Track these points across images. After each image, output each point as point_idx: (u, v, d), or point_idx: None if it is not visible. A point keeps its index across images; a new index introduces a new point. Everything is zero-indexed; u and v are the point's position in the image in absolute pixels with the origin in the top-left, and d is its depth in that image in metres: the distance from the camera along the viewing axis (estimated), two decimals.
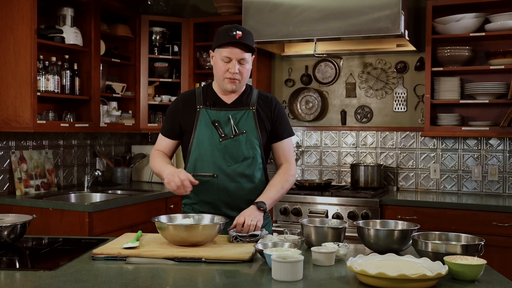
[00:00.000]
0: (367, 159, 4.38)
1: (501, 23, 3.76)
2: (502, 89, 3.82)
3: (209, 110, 2.37)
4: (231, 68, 2.29)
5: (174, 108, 2.45)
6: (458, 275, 1.67)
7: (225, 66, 2.30)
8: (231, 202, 2.34)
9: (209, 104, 2.38)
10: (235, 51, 2.28)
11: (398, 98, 4.30)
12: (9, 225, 2.09)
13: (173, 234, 1.98)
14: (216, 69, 2.34)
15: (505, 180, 4.01)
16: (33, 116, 3.48)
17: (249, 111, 2.38)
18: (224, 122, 2.35)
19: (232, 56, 2.28)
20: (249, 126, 2.36)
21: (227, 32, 2.29)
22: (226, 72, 2.30)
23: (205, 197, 2.35)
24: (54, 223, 3.38)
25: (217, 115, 2.36)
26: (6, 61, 3.52)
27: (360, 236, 2.09)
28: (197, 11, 4.82)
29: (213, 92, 2.42)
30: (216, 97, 2.40)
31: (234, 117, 2.36)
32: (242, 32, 2.29)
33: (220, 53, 2.30)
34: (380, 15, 3.44)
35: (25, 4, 3.45)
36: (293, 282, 1.64)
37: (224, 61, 2.30)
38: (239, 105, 2.39)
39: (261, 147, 2.37)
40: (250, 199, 2.33)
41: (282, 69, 4.65)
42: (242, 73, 2.32)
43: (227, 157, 2.32)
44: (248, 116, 2.37)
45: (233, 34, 2.27)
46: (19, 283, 1.68)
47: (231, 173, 2.32)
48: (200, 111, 2.37)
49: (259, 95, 2.44)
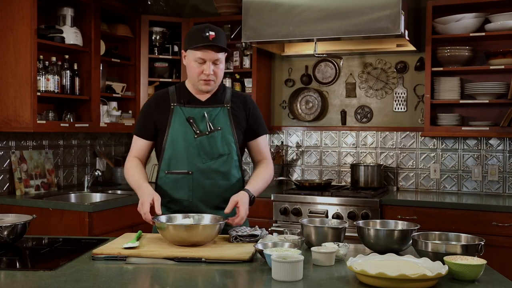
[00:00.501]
0: (367, 159, 4.38)
1: (501, 23, 3.76)
2: (502, 89, 3.82)
3: (183, 108, 2.35)
4: (206, 70, 2.27)
5: (147, 108, 2.42)
6: (458, 275, 1.67)
7: (199, 67, 2.28)
8: (206, 200, 2.32)
9: (183, 101, 2.36)
10: (209, 53, 2.26)
11: (398, 98, 4.30)
12: (9, 225, 2.09)
13: (173, 234, 1.98)
14: (190, 70, 2.32)
15: (505, 180, 4.01)
16: (33, 116, 3.48)
17: (224, 108, 2.38)
18: (199, 119, 2.34)
19: (207, 57, 2.26)
20: (224, 123, 2.35)
21: (199, 33, 2.26)
22: (200, 74, 2.29)
23: (181, 195, 2.33)
24: (54, 223, 3.38)
25: (191, 112, 2.34)
26: (6, 61, 3.52)
27: (360, 236, 2.08)
28: (197, 11, 4.82)
29: (187, 91, 2.40)
30: (190, 95, 2.39)
31: (209, 114, 2.35)
32: (215, 32, 2.26)
33: (194, 55, 2.28)
34: (380, 15, 3.44)
35: (25, 4, 3.45)
36: (293, 282, 1.64)
37: (198, 62, 2.28)
38: (213, 103, 2.38)
39: (236, 144, 2.36)
40: (226, 196, 2.31)
41: (282, 69, 4.65)
42: (216, 74, 2.31)
43: (202, 153, 2.31)
44: (223, 113, 2.37)
45: (206, 35, 2.24)
46: (19, 283, 1.68)
47: (206, 170, 2.31)
48: (175, 109, 2.35)
49: (233, 94, 2.44)
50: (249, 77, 4.45)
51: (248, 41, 3.80)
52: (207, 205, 2.33)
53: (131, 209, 3.64)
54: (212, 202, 2.33)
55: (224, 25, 4.56)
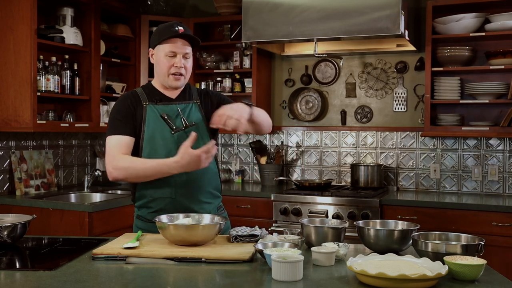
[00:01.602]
0: (367, 159, 4.38)
1: (501, 23, 3.76)
2: (502, 89, 3.82)
3: (156, 106, 2.34)
4: (177, 63, 2.28)
5: (123, 107, 2.31)
6: (458, 275, 1.67)
7: (169, 61, 2.29)
8: (189, 195, 2.31)
9: (155, 100, 2.35)
10: (179, 45, 2.28)
11: (398, 98, 4.30)
12: (9, 225, 2.09)
13: (174, 234, 1.98)
14: (160, 66, 2.32)
15: (505, 180, 4.01)
16: (33, 116, 3.48)
17: (195, 104, 2.40)
18: (173, 115, 2.34)
19: (177, 50, 2.28)
20: (197, 118, 2.37)
21: (168, 28, 2.29)
22: (171, 68, 2.30)
23: (163, 193, 2.30)
24: (54, 223, 3.38)
25: (165, 109, 2.34)
26: (6, 61, 3.52)
27: (360, 236, 2.08)
28: (197, 11, 4.82)
29: (155, 90, 2.39)
30: (160, 94, 2.38)
31: (183, 110, 2.36)
32: (183, 28, 2.30)
33: (163, 49, 2.29)
34: (380, 15, 3.44)
35: (25, 4, 3.46)
36: (293, 282, 1.64)
37: (168, 56, 2.29)
38: (184, 99, 2.40)
39: (211, 138, 2.37)
40: (207, 190, 2.35)
41: (282, 69, 4.64)
42: (186, 68, 2.33)
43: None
44: (194, 109, 2.39)
45: (176, 29, 2.27)
46: (19, 283, 1.68)
47: None
48: (147, 107, 2.33)
49: (198, 90, 2.47)
50: (249, 77, 4.45)
51: (248, 41, 3.80)
52: (190, 200, 2.32)
53: (131, 209, 3.62)
54: (195, 197, 2.33)
55: (224, 25, 4.56)
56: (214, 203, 2.42)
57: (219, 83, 4.54)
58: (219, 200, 2.48)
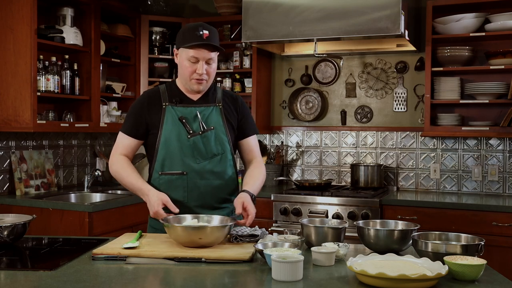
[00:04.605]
0: (367, 159, 4.38)
1: (501, 23, 3.76)
2: (502, 89, 3.82)
3: (175, 107, 2.32)
4: (199, 69, 2.26)
5: (139, 107, 2.36)
6: (458, 275, 1.67)
7: (192, 66, 2.27)
8: (201, 200, 2.30)
9: (175, 101, 2.33)
10: (202, 52, 2.25)
11: (398, 98, 4.30)
12: (9, 225, 2.09)
13: (181, 236, 1.96)
14: (182, 69, 2.31)
15: (505, 180, 4.01)
16: (33, 116, 3.48)
17: (216, 107, 2.36)
18: (191, 118, 2.31)
19: (200, 56, 2.25)
20: (216, 122, 2.34)
21: (193, 31, 2.24)
22: (193, 73, 2.27)
23: (175, 196, 2.28)
24: (54, 223, 3.38)
25: (184, 112, 2.32)
26: (6, 61, 3.52)
27: (360, 236, 2.08)
28: (197, 11, 4.82)
29: (178, 90, 2.38)
30: (182, 94, 2.36)
31: (202, 113, 2.33)
32: (209, 31, 2.25)
33: (186, 53, 2.27)
34: (380, 15, 3.44)
35: (25, 4, 3.45)
36: (293, 282, 1.64)
37: (190, 61, 2.26)
38: (205, 102, 2.36)
39: (230, 143, 2.35)
40: (221, 196, 2.32)
41: (282, 69, 4.65)
42: (209, 73, 2.30)
43: (196, 154, 2.29)
44: (215, 112, 2.35)
45: (200, 34, 2.22)
46: (19, 283, 1.68)
47: (200, 170, 2.29)
48: (166, 108, 2.32)
49: (224, 93, 2.43)
50: (249, 77, 4.45)
51: (248, 41, 3.80)
52: (203, 206, 2.31)
53: (131, 209, 3.64)
54: (208, 203, 2.31)
55: (224, 25, 4.56)
56: (229, 208, 2.39)
57: (219, 83, 4.54)
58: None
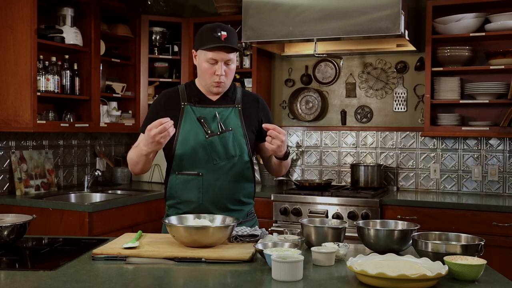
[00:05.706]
0: (367, 159, 4.38)
1: (501, 23, 3.76)
2: (502, 89, 3.82)
3: (194, 107, 2.31)
4: (218, 70, 2.24)
5: (157, 106, 2.36)
6: (458, 275, 1.67)
7: (211, 68, 2.25)
8: (216, 201, 2.28)
9: (194, 101, 2.32)
10: (221, 54, 2.23)
11: (398, 98, 4.30)
12: (9, 225, 2.09)
13: (184, 236, 1.96)
14: (201, 70, 2.29)
15: (505, 180, 4.01)
16: (33, 116, 3.48)
17: (235, 108, 2.35)
18: (210, 119, 2.30)
19: (218, 58, 2.23)
20: (235, 123, 2.32)
21: (211, 33, 2.22)
22: (212, 75, 2.26)
23: (191, 197, 2.28)
24: (54, 223, 3.38)
25: (202, 112, 2.31)
26: (6, 61, 3.52)
27: (360, 236, 2.08)
28: (197, 11, 4.82)
29: (197, 90, 2.36)
30: (201, 94, 2.35)
31: (221, 114, 2.31)
32: (227, 32, 2.23)
33: (205, 55, 2.25)
34: (380, 15, 3.44)
35: (25, 4, 3.45)
36: (293, 282, 1.64)
37: (209, 63, 2.25)
38: (224, 103, 2.35)
39: (248, 145, 2.33)
40: (237, 198, 2.31)
41: (282, 69, 4.65)
42: (227, 74, 2.28)
43: (213, 154, 2.27)
44: (234, 113, 2.34)
45: (218, 36, 2.20)
46: (19, 283, 1.68)
47: (217, 171, 2.27)
48: (185, 108, 2.31)
49: (243, 93, 2.42)
50: (249, 77, 4.45)
51: (248, 41, 3.80)
52: (217, 207, 2.28)
53: (131, 209, 3.64)
54: (222, 204, 2.29)
55: None
56: (244, 210, 2.38)
57: None
58: (250, 206, 2.43)
